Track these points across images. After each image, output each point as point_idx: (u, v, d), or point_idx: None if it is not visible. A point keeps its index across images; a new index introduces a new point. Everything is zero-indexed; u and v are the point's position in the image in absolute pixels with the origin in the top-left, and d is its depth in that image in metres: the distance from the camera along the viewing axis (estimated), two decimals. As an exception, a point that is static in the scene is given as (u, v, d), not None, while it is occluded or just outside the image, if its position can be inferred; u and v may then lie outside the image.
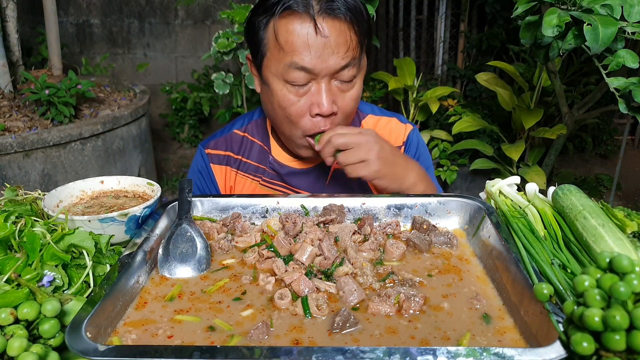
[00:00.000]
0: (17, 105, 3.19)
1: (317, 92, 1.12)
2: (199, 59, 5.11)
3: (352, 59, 1.11)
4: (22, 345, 0.60)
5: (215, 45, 3.09)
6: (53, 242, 0.80)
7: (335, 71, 1.11)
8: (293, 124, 1.17)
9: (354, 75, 1.15)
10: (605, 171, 4.51)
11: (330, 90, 1.13)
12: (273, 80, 1.15)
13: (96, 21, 5.04)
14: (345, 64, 1.10)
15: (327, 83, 1.12)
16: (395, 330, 0.73)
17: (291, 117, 1.16)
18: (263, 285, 0.84)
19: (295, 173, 1.35)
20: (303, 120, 1.15)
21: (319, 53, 1.07)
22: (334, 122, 1.17)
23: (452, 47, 4.89)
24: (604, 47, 1.42)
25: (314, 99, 1.13)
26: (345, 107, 1.17)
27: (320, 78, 1.11)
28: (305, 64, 1.08)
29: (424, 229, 1.00)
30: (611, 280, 0.56)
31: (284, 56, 1.10)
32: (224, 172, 1.39)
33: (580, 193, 0.95)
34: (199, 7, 5.03)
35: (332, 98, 1.13)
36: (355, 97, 1.18)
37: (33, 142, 2.76)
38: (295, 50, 1.08)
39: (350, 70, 1.13)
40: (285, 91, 1.14)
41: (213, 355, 0.60)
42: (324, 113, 1.12)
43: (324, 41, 1.07)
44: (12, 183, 2.63)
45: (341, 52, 1.09)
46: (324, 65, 1.09)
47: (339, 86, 1.14)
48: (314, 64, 1.08)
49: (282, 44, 1.09)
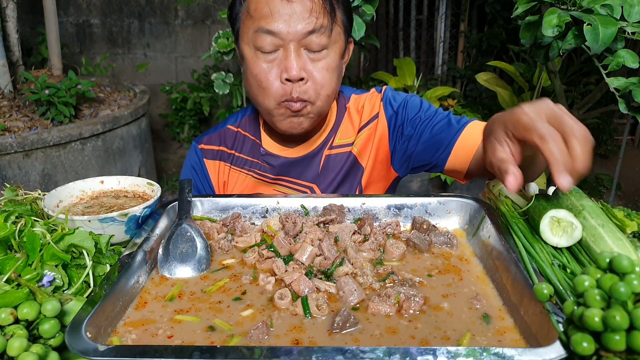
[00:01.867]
0: (17, 105, 3.19)
1: (285, 57, 1.14)
2: (199, 59, 5.11)
3: (319, 26, 1.13)
4: (22, 345, 0.60)
5: (215, 45, 3.09)
6: (53, 242, 0.80)
7: (302, 36, 1.12)
8: (265, 92, 1.18)
9: (323, 46, 1.16)
10: (605, 171, 4.51)
11: (299, 56, 1.15)
12: (246, 50, 1.19)
13: (96, 21, 5.04)
14: (311, 29, 1.12)
15: (296, 49, 1.14)
16: (395, 330, 0.73)
17: (262, 84, 1.17)
18: (263, 285, 0.84)
19: (287, 163, 1.35)
20: (274, 86, 1.16)
21: (284, 17, 1.11)
22: (307, 92, 1.17)
23: (452, 47, 4.89)
24: (604, 47, 1.42)
25: (282, 65, 1.15)
26: (317, 76, 1.17)
27: (288, 43, 1.13)
28: (271, 27, 1.12)
29: (424, 229, 1.00)
30: (611, 281, 0.56)
31: (253, 22, 1.15)
32: (217, 167, 1.40)
33: (580, 193, 0.95)
34: (199, 7, 5.03)
35: (301, 64, 1.14)
36: (327, 67, 1.18)
37: (33, 142, 2.76)
38: (262, 15, 1.12)
39: (319, 37, 1.14)
40: (256, 58, 1.17)
41: (213, 355, 0.60)
42: (292, 78, 1.14)
43: (290, 6, 1.11)
44: (12, 183, 2.63)
45: (305, 17, 1.11)
46: (290, 29, 1.11)
47: (309, 55, 1.16)
48: (279, 27, 1.11)
49: (252, 11, 1.15)
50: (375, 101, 1.38)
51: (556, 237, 0.86)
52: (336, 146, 1.36)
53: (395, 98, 1.36)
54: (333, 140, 1.36)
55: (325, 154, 1.35)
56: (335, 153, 1.36)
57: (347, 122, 1.38)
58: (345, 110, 1.39)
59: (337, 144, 1.36)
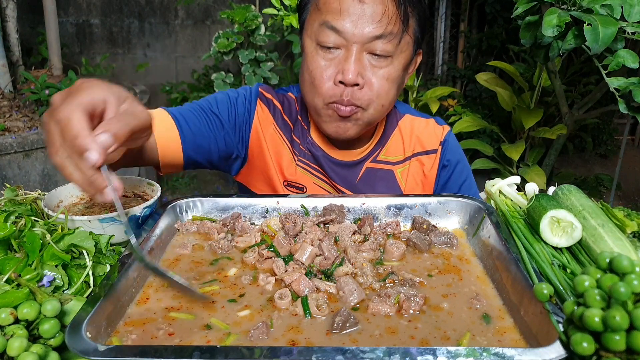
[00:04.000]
0: (17, 105, 3.19)
1: (344, 59, 1.09)
2: (199, 59, 5.11)
3: (388, 32, 1.07)
4: (22, 345, 0.60)
5: (215, 45, 3.09)
6: (53, 242, 0.80)
7: (368, 40, 1.07)
8: (317, 90, 1.13)
9: (388, 53, 1.09)
10: (605, 171, 4.51)
11: (360, 60, 1.09)
12: (308, 44, 1.14)
13: (96, 21, 5.04)
14: (379, 34, 1.06)
15: (358, 52, 1.08)
16: (395, 330, 0.73)
17: (315, 82, 1.13)
18: (263, 285, 0.84)
19: (329, 161, 1.30)
20: (326, 85, 1.11)
21: (353, 17, 1.06)
22: (360, 98, 1.11)
23: (452, 47, 4.89)
24: (604, 47, 1.42)
25: (340, 66, 1.10)
26: (375, 85, 1.11)
27: (351, 44, 1.08)
28: (336, 24, 1.07)
29: (424, 229, 1.00)
30: (611, 281, 0.56)
31: (319, 15, 1.10)
32: (264, 118, 1.30)
33: (580, 193, 0.95)
34: (199, 7, 5.03)
35: (359, 68, 1.09)
36: (387, 77, 1.12)
37: (33, 142, 2.76)
38: (330, 9, 1.08)
39: (385, 44, 1.08)
40: (315, 53, 1.12)
41: (213, 355, 0.60)
42: (347, 81, 1.08)
43: (361, 6, 1.05)
44: (12, 183, 2.63)
45: (375, 21, 1.06)
46: (355, 30, 1.06)
47: (371, 61, 1.10)
48: (345, 26, 1.06)
49: (321, 4, 1.10)
50: (434, 135, 1.34)
51: (556, 237, 0.86)
52: (380, 161, 1.32)
53: (453, 151, 1.34)
54: (378, 154, 1.32)
55: (366, 166, 1.31)
56: (378, 168, 1.32)
57: (397, 139, 1.34)
58: (396, 127, 1.35)
59: (381, 159, 1.32)
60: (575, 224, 0.84)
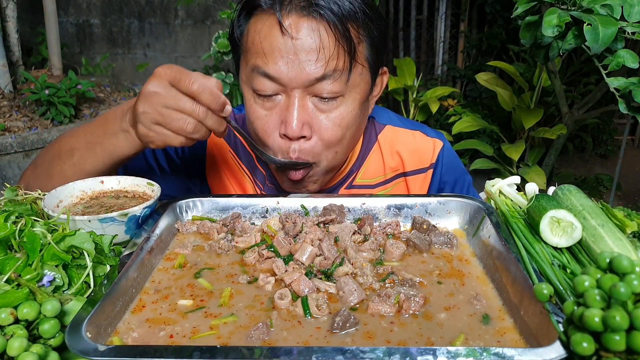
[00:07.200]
0: (17, 105, 3.19)
1: (286, 107, 0.93)
2: (199, 59, 5.11)
3: (333, 71, 0.90)
4: (22, 345, 0.60)
5: (215, 45, 3.09)
6: (54, 242, 0.80)
7: (309, 83, 0.90)
8: (262, 143, 0.99)
9: (338, 93, 0.92)
10: (605, 171, 4.51)
11: (304, 107, 0.92)
12: (245, 90, 0.99)
13: (96, 21, 5.04)
14: (320, 75, 0.89)
15: (301, 98, 0.92)
16: (395, 330, 0.73)
17: (258, 134, 0.98)
18: (263, 285, 0.84)
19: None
20: (271, 139, 0.97)
21: (285, 59, 0.88)
22: (310, 151, 0.96)
23: (452, 47, 4.89)
24: (604, 47, 1.42)
25: (282, 116, 0.94)
26: (325, 133, 0.95)
27: (291, 90, 0.91)
28: (267, 69, 0.90)
29: (424, 229, 1.00)
30: (611, 281, 0.56)
31: (249, 58, 0.93)
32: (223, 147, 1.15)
33: (580, 193, 0.95)
34: (199, 7, 5.03)
35: (304, 118, 0.93)
36: (339, 122, 0.95)
37: (33, 142, 2.76)
38: (258, 52, 0.91)
39: (332, 84, 0.91)
40: (252, 102, 0.97)
41: (213, 355, 0.60)
42: (290, 135, 0.93)
43: (294, 44, 0.87)
44: (12, 183, 2.63)
45: (313, 60, 0.88)
46: (292, 75, 0.89)
47: (318, 105, 0.94)
48: (279, 71, 0.89)
49: (249, 44, 0.93)
50: (422, 150, 1.15)
51: (556, 237, 0.86)
52: (357, 185, 1.17)
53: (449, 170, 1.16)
54: (354, 178, 1.17)
55: (341, 193, 1.16)
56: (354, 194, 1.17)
57: (376, 157, 1.17)
58: (375, 142, 1.17)
59: (358, 182, 1.17)
60: (575, 224, 0.84)
